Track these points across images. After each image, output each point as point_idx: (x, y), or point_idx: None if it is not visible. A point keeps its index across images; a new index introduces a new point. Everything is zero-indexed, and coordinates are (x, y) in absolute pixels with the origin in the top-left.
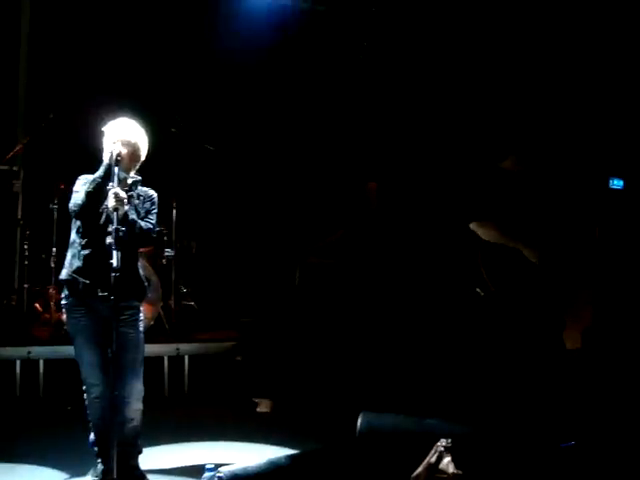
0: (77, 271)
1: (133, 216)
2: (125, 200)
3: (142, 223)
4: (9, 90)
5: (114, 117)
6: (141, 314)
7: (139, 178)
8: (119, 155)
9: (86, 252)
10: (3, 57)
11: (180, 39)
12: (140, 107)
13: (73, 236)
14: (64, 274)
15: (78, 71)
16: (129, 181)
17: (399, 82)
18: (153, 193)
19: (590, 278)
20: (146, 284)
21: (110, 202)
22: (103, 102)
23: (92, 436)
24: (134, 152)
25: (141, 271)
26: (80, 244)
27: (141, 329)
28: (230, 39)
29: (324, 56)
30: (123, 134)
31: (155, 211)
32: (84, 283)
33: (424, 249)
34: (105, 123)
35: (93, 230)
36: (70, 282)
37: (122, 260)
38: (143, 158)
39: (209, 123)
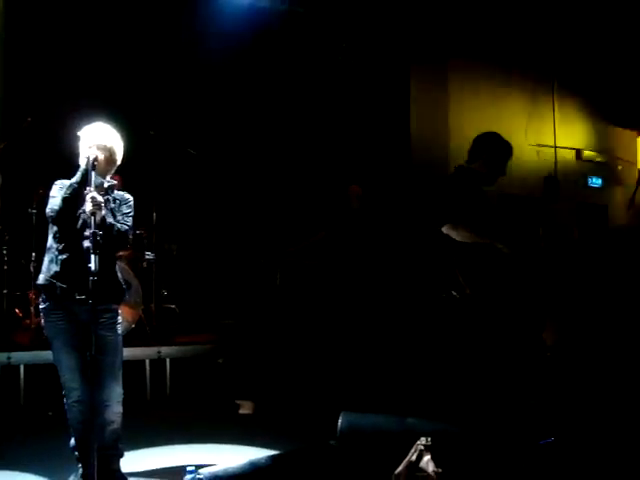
0: (55, 276)
1: (110, 219)
2: (102, 204)
3: (118, 225)
4: None
5: (91, 121)
6: (119, 317)
7: (115, 182)
8: (95, 160)
9: (63, 257)
10: None
11: (159, 42)
12: (119, 110)
13: (50, 241)
14: (42, 279)
15: (55, 75)
16: (105, 185)
17: (378, 84)
18: (129, 196)
19: (570, 277)
20: (124, 287)
21: (88, 206)
22: (81, 106)
23: (72, 441)
24: (110, 156)
25: (119, 274)
26: (57, 249)
27: (119, 332)
28: (209, 41)
29: (304, 58)
30: (99, 138)
31: (131, 214)
32: (62, 287)
33: (403, 251)
34: (80, 127)
35: (70, 235)
36: (48, 287)
37: (100, 263)
38: (119, 162)
39: (189, 126)
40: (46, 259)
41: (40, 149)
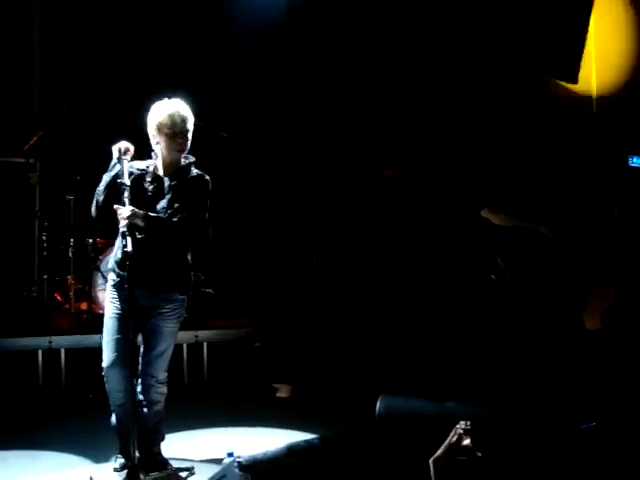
0: (122, 261)
1: (162, 213)
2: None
3: (168, 217)
4: (23, 82)
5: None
6: (183, 309)
7: (189, 161)
8: (127, 150)
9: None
10: (17, 49)
11: (192, 24)
12: (152, 95)
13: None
14: (111, 263)
15: (91, 62)
16: (183, 162)
17: (413, 67)
18: (204, 178)
19: (609, 258)
20: (193, 278)
21: (123, 215)
22: (116, 92)
23: (113, 419)
24: (188, 135)
25: (187, 264)
26: (124, 232)
27: (179, 322)
28: (242, 23)
29: (339, 40)
30: (178, 120)
31: (202, 199)
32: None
33: (440, 235)
34: (149, 106)
35: None
36: (115, 272)
37: (163, 252)
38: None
39: (222, 109)
40: (116, 245)
41: (77, 136)
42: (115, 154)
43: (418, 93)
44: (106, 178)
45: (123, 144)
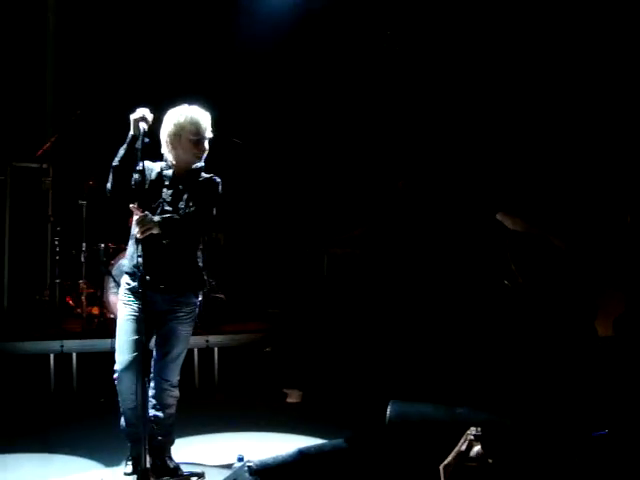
0: (138, 265)
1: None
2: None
3: (177, 215)
4: (37, 88)
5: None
6: (197, 310)
7: (200, 165)
8: (146, 119)
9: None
10: (30, 55)
11: (205, 32)
12: (166, 101)
13: (132, 229)
14: (127, 267)
15: (104, 68)
16: (193, 166)
17: (424, 74)
18: (214, 180)
19: (622, 265)
20: (205, 279)
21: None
22: (129, 98)
23: (123, 421)
24: (206, 140)
25: (200, 264)
26: (138, 238)
27: (192, 325)
28: (254, 30)
29: (352, 49)
30: (198, 127)
31: (212, 198)
32: (144, 276)
33: (452, 240)
34: (161, 111)
35: None
36: (132, 275)
37: (175, 252)
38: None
39: (234, 116)
40: (130, 247)
41: (90, 141)
42: (135, 125)
43: (429, 100)
44: (122, 151)
45: (141, 112)
